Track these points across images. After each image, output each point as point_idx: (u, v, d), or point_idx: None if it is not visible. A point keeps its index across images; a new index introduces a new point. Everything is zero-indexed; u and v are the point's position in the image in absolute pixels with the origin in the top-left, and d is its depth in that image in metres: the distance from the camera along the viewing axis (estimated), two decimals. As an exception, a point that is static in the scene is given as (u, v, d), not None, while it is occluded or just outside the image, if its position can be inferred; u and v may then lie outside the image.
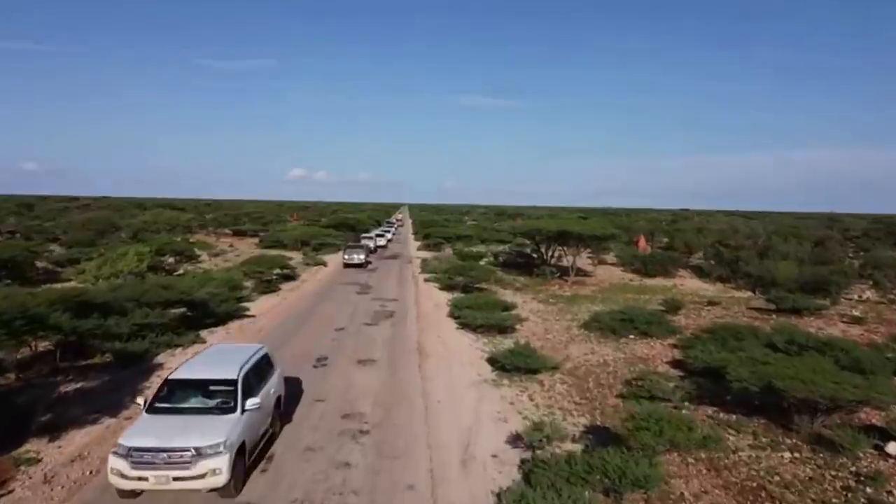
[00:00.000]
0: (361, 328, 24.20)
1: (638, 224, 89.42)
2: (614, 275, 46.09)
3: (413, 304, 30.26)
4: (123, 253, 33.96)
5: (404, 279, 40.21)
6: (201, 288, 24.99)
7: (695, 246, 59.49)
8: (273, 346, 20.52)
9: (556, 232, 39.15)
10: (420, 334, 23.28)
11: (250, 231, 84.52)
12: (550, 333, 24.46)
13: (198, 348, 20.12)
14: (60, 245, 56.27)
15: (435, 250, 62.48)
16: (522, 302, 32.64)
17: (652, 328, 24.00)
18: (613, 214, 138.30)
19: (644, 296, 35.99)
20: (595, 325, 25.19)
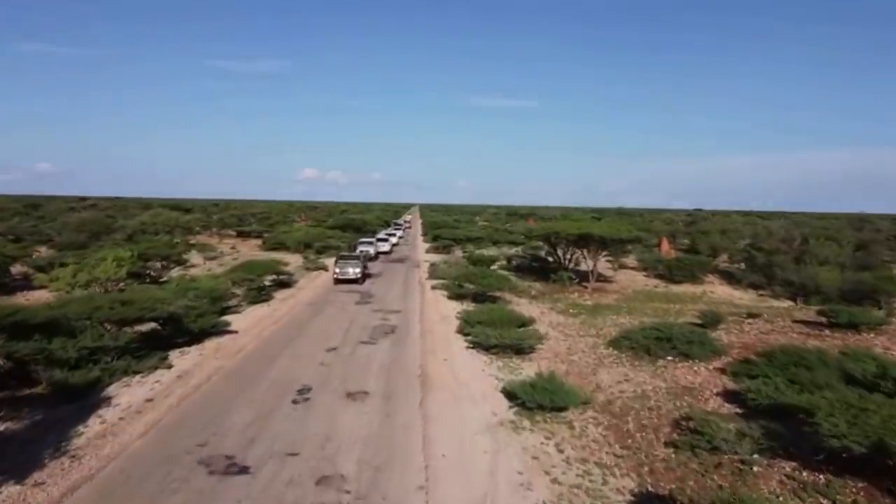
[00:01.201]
0: (357, 348, 20.98)
1: (653, 225, 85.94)
2: (637, 281, 42.71)
3: (418, 316, 27.03)
4: (102, 258, 31.02)
5: (410, 286, 36.99)
6: (177, 299, 21.93)
7: (721, 248, 56.03)
8: (250, 373, 17.52)
9: (577, 235, 35.77)
10: (424, 356, 20.04)
11: (255, 232, 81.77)
12: (575, 354, 21.18)
13: (160, 376, 17.02)
14: (51, 247, 53.62)
15: (444, 253, 59.27)
16: (540, 313, 29.43)
17: (693, 348, 20.67)
18: (627, 215, 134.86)
19: (673, 305, 32.67)
20: (625, 343, 21.89)
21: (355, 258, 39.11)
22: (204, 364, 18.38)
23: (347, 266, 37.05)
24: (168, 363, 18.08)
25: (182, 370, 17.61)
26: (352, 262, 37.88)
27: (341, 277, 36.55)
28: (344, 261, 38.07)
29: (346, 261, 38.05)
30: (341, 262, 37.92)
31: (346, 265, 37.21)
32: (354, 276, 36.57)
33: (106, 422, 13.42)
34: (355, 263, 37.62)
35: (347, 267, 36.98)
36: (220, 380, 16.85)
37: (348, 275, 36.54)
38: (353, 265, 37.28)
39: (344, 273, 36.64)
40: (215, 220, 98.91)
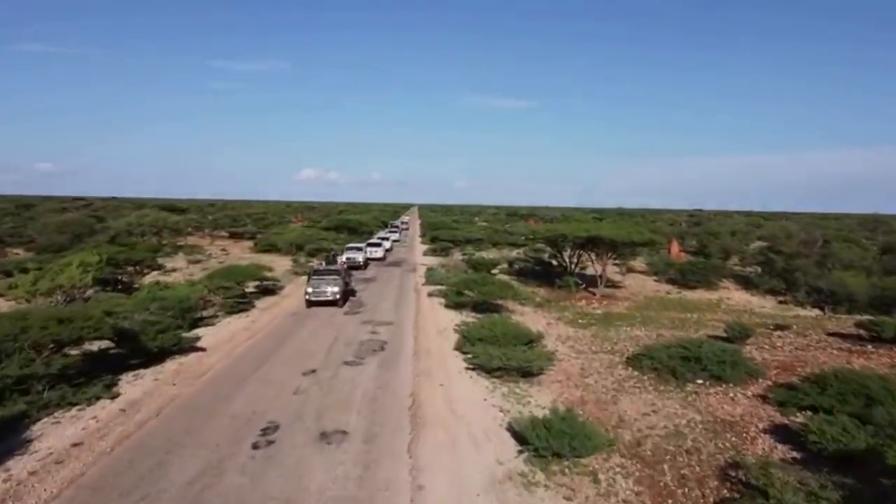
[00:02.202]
0: (340, 370, 18.20)
1: (656, 226, 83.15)
2: (647, 286, 39.98)
3: (412, 330, 24.24)
4: (66, 263, 28.25)
5: (405, 293, 34.19)
6: (136, 312, 19.20)
7: (733, 251, 53.31)
8: (210, 404, 14.75)
9: (585, 238, 33.02)
10: (417, 380, 17.26)
11: (248, 233, 79.03)
12: (590, 376, 18.44)
13: (101, 408, 14.28)
14: (29, 250, 50.84)
15: (442, 255, 56.49)
16: (546, 324, 26.75)
17: (725, 369, 17.97)
18: (629, 215, 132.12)
19: (691, 315, 29.97)
20: (647, 362, 19.18)
21: (333, 273, 30.49)
22: (157, 392, 15.63)
23: (323, 284, 29.15)
24: (114, 392, 15.34)
25: (129, 401, 14.86)
26: (329, 278, 29.74)
27: (315, 299, 28.79)
28: (319, 277, 29.96)
29: (321, 277, 29.95)
30: (315, 278, 29.84)
31: (321, 283, 29.30)
32: (332, 296, 28.72)
33: (11, 479, 10.66)
34: (333, 280, 29.47)
35: (323, 285, 29.07)
36: (171, 414, 14.10)
37: (324, 295, 28.75)
38: (330, 282, 29.26)
39: (319, 293, 28.84)
40: (209, 221, 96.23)
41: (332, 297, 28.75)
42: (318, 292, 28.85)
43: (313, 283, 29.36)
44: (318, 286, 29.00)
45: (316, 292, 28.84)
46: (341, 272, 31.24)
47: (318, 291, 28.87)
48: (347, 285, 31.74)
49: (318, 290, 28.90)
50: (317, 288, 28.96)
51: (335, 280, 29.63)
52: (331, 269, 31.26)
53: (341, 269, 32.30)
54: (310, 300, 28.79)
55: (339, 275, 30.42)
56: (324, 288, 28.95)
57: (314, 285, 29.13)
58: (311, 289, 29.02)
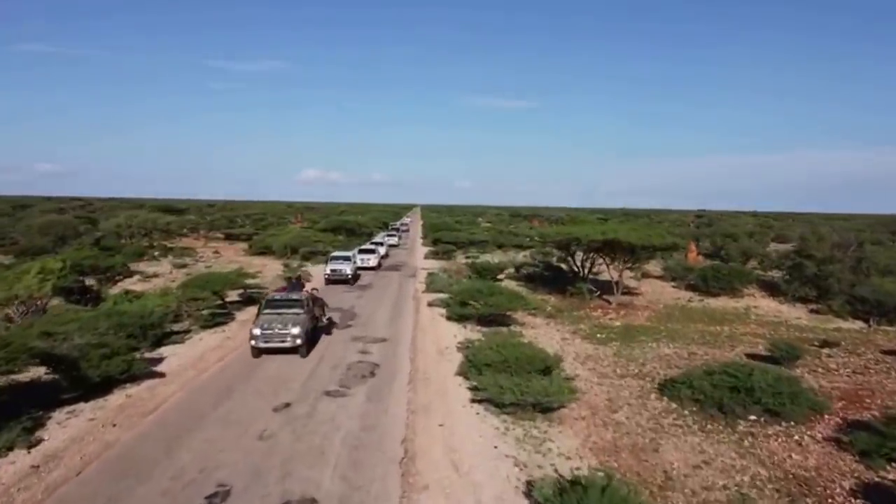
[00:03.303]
0: (319, 403, 15.12)
1: (663, 227, 79.86)
2: (665, 293, 36.90)
3: (408, 349, 21.16)
4: (24, 271, 25.33)
5: (403, 302, 31.10)
6: (80, 333, 16.19)
7: (753, 254, 50.16)
8: (149, 456, 11.45)
9: (601, 241, 29.94)
10: (411, 419, 14.18)
11: (244, 235, 76.10)
12: (619, 409, 15.39)
13: (10, 462, 11.25)
14: (6, 253, 47.92)
15: (445, 259, 53.45)
16: (561, 339, 23.75)
17: (784, 403, 14.87)
18: (634, 216, 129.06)
19: (721, 327, 26.90)
20: (685, 391, 16.10)
21: (294, 305, 20.87)
22: (88, 437, 12.58)
23: (277, 322, 19.67)
24: (35, 438, 12.32)
25: (48, 452, 11.82)
26: (288, 313, 20.28)
27: (263, 345, 19.35)
28: (273, 312, 20.49)
29: (276, 312, 20.44)
30: (267, 313, 20.43)
31: (274, 320, 19.79)
32: (291, 341, 19.29)
33: None
34: (294, 316, 20.04)
35: (277, 324, 19.58)
36: (95, 473, 11.03)
37: (276, 339, 19.31)
38: (289, 320, 19.78)
39: (270, 336, 19.31)
40: (206, 222, 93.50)
41: (291, 341, 19.19)
42: (268, 335, 19.15)
43: (263, 320, 19.78)
44: (270, 326, 19.38)
45: (265, 335, 19.14)
46: (306, 303, 21.38)
47: (268, 334, 19.16)
48: (317, 322, 22.50)
49: (268, 331, 19.20)
50: (267, 328, 19.26)
51: (296, 316, 20.08)
52: (291, 300, 21.23)
53: (306, 298, 21.92)
54: (257, 347, 19.19)
55: (302, 307, 20.76)
56: (277, 328, 19.30)
57: (264, 324, 19.46)
58: (259, 330, 19.20)
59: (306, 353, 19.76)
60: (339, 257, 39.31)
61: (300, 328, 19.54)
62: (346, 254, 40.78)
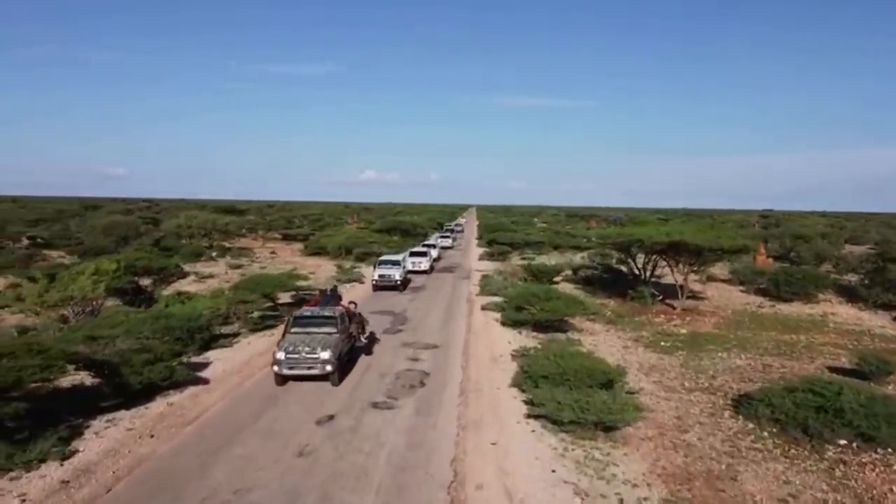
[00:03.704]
0: (365, 416, 14.29)
1: (729, 228, 76.40)
2: (733, 298, 34.87)
3: (460, 356, 20.18)
4: (79, 272, 25.48)
5: (456, 305, 30.11)
6: (125, 337, 15.83)
7: (827, 257, 47.20)
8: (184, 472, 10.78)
9: (666, 243, 28.31)
10: (462, 436, 13.17)
11: (301, 235, 76.62)
12: (690, 429, 14.03)
13: (42, 475, 10.77)
14: (70, 252, 49.19)
15: (499, 260, 52.26)
16: (623, 347, 22.40)
17: (879, 427, 13.22)
18: (696, 216, 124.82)
19: (796, 336, 24.98)
20: (763, 409, 14.61)
21: (327, 323, 17.97)
22: (124, 449, 12.05)
23: (304, 346, 16.61)
24: (70, 448, 11.84)
25: (80, 465, 11.31)
26: (319, 333, 17.44)
27: (287, 372, 16.40)
28: (301, 330, 17.69)
29: (305, 330, 17.65)
30: (295, 332, 17.63)
31: (301, 343, 16.77)
32: (320, 368, 16.31)
33: None
34: (325, 338, 17.05)
35: (304, 347, 16.55)
36: (125, 490, 10.42)
37: (303, 365, 16.35)
38: (321, 341, 16.80)
39: (295, 362, 16.34)
40: (264, 223, 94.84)
41: (320, 368, 16.26)
42: (293, 360, 16.26)
43: (289, 341, 16.92)
44: (296, 348, 16.44)
45: (290, 360, 16.26)
46: (341, 320, 18.27)
47: (293, 359, 16.26)
48: (353, 342, 19.48)
49: (294, 355, 16.29)
50: (292, 352, 16.35)
51: (328, 336, 17.14)
52: (323, 317, 18.25)
53: (341, 314, 18.78)
54: (280, 374, 16.34)
55: (335, 326, 17.80)
56: (304, 352, 16.33)
57: (289, 346, 16.55)
58: (283, 353, 16.30)
59: (338, 381, 16.58)
60: (387, 261, 36.18)
61: (331, 352, 16.34)
62: (395, 258, 37.47)
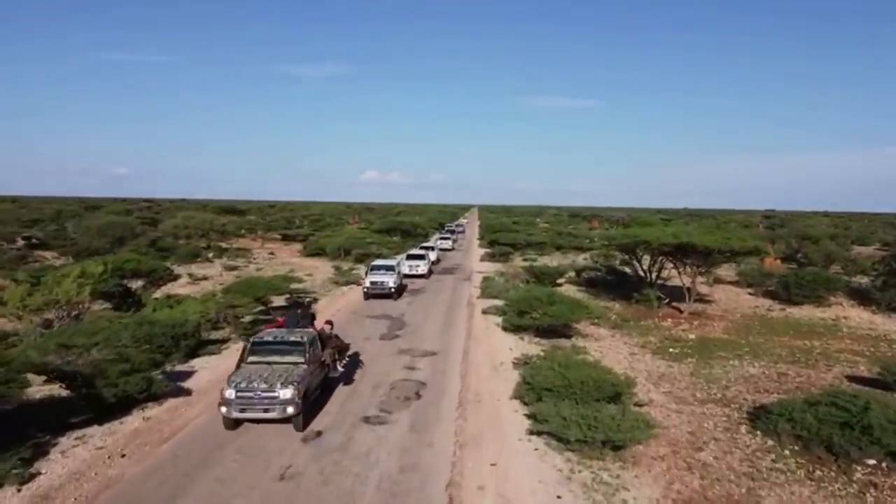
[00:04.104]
0: (355, 432, 13.27)
1: (735, 228, 75.18)
2: (741, 301, 33.84)
3: (460, 364, 19.16)
4: (64, 275, 24.50)
5: (456, 309, 29.07)
6: (103, 345, 14.83)
7: (837, 258, 46.08)
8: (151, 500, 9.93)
9: (674, 245, 27.29)
10: (459, 455, 12.14)
11: (300, 236, 75.66)
12: (706, 446, 13.01)
13: None
14: (63, 253, 48.26)
15: (501, 261, 51.25)
16: (630, 354, 21.39)
17: (910, 444, 12.24)
18: (698, 216, 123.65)
19: (811, 342, 23.93)
20: (783, 424, 13.55)
21: (293, 349, 14.71)
22: (91, 472, 11.04)
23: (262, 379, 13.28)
24: (31, 471, 10.85)
25: (42, 489, 10.31)
26: (281, 364, 14.16)
27: (239, 414, 13.03)
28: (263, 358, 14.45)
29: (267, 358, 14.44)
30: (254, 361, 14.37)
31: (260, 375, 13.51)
32: (281, 410, 12.90)
33: None
34: (289, 372, 13.64)
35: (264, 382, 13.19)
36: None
37: (266, 407, 12.93)
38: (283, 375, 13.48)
39: (248, 401, 12.92)
40: (264, 223, 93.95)
41: (279, 410, 12.82)
42: (245, 399, 12.86)
43: (242, 375, 13.57)
44: (250, 384, 13.09)
45: (242, 398, 12.86)
46: (311, 347, 14.87)
47: (245, 398, 12.86)
48: (326, 371, 15.85)
49: (246, 392, 12.90)
50: (245, 389, 12.96)
51: (292, 368, 13.89)
52: (288, 343, 14.85)
53: (311, 338, 15.33)
54: (228, 417, 13.01)
55: (302, 354, 14.46)
56: (260, 389, 12.95)
57: (241, 382, 13.16)
58: (233, 391, 12.88)
59: (303, 426, 13.15)
60: (380, 266, 32.81)
61: (294, 390, 12.81)
62: (389, 262, 34.21)
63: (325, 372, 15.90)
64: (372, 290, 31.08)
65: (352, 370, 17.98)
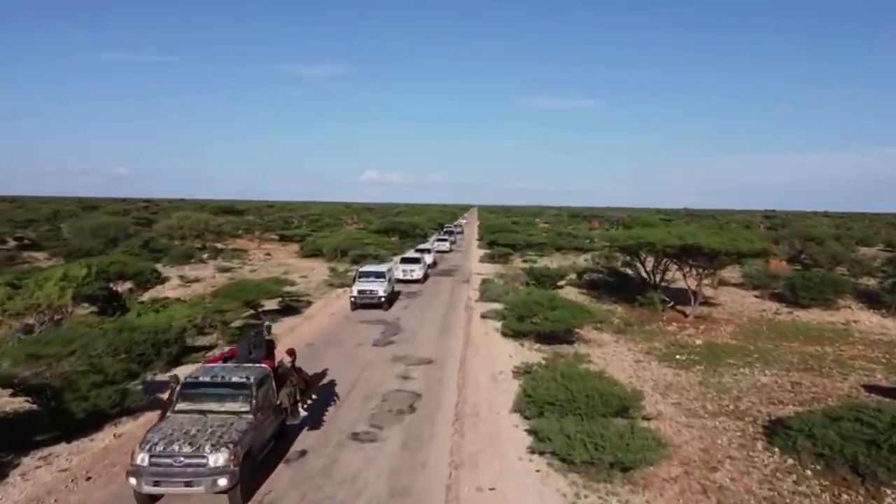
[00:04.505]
0: (342, 452, 12.27)
1: (736, 229, 74.01)
2: (747, 304, 32.88)
3: (457, 373, 18.20)
4: (46, 277, 23.55)
5: (453, 313, 28.05)
6: (64, 358, 13.85)
7: (843, 260, 45.07)
8: None
9: (679, 247, 26.35)
10: (455, 476, 11.16)
11: (297, 236, 74.66)
12: (721, 466, 12.04)
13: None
14: (53, 254, 47.25)
15: (501, 263, 50.25)
16: (635, 361, 20.47)
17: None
18: (698, 217, 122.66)
19: (822, 348, 23.06)
20: (803, 441, 12.59)
21: (235, 396, 11.22)
22: (51, 498, 10.08)
23: (187, 440, 9.99)
24: (-16, 497, 9.93)
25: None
26: (223, 413, 10.86)
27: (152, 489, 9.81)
28: (195, 406, 11.03)
29: (200, 406, 11.00)
30: (184, 410, 10.97)
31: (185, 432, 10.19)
32: (210, 483, 9.66)
33: None
34: (227, 429, 10.29)
35: (188, 444, 9.89)
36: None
37: (189, 480, 9.71)
38: (216, 433, 10.13)
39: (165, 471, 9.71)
40: (262, 223, 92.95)
41: (208, 484, 9.68)
42: (162, 466, 9.75)
43: (163, 431, 10.26)
44: (169, 446, 9.91)
45: (157, 466, 9.74)
46: (259, 389, 11.47)
47: (162, 465, 9.75)
48: (282, 418, 12.57)
49: (164, 458, 9.79)
50: (162, 453, 9.82)
51: (232, 421, 10.64)
52: (231, 384, 11.44)
53: (261, 377, 11.81)
54: (140, 492, 9.84)
55: (248, 401, 11.13)
56: (183, 454, 9.82)
57: (158, 443, 9.92)
58: (146, 456, 9.80)
59: (242, 500, 10.05)
60: (369, 273, 29.75)
61: (228, 454, 9.83)
62: (379, 268, 31.06)
63: (282, 419, 12.49)
64: (360, 299, 28.20)
65: (318, 412, 14.35)
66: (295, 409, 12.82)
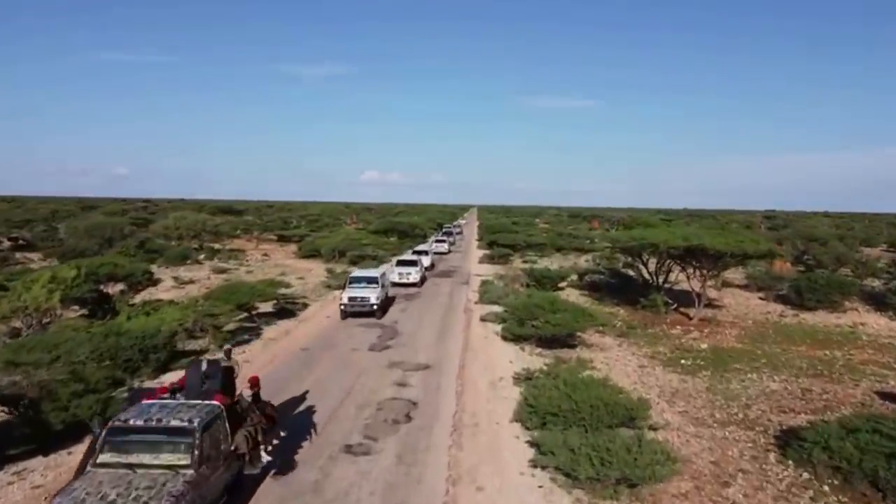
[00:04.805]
0: (333, 468, 11.58)
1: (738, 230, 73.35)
2: (751, 306, 32.25)
3: (455, 379, 17.57)
4: (34, 279, 22.95)
5: (452, 316, 27.42)
6: (42, 366, 13.23)
7: (847, 261, 44.39)
8: None
9: (683, 248, 25.73)
10: (452, 493, 10.53)
11: (295, 237, 74.02)
12: (733, 481, 11.41)
13: None
14: (48, 255, 46.63)
15: (501, 263, 49.62)
16: (639, 366, 19.85)
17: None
18: (698, 217, 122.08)
19: (831, 352, 22.43)
20: (818, 452, 11.96)
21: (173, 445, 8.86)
22: (20, 518, 9.51)
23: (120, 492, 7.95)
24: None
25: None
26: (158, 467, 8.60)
27: None
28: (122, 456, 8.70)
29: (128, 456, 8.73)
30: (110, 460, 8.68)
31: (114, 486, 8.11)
32: None
33: None
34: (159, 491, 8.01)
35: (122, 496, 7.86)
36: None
37: None
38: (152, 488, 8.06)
39: None
40: (260, 223, 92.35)
41: None
42: None
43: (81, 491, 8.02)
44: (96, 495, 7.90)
45: None
46: (204, 436, 9.06)
47: None
48: (238, 468, 10.20)
49: None
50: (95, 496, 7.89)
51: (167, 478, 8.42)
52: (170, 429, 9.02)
53: (208, 420, 9.33)
54: None
55: (190, 451, 8.80)
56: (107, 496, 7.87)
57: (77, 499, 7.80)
58: None
59: None
60: (360, 279, 27.61)
61: None
62: (371, 273, 28.68)
63: (238, 468, 10.21)
64: (350, 306, 25.98)
65: (284, 455, 11.79)
66: (255, 454, 10.44)
